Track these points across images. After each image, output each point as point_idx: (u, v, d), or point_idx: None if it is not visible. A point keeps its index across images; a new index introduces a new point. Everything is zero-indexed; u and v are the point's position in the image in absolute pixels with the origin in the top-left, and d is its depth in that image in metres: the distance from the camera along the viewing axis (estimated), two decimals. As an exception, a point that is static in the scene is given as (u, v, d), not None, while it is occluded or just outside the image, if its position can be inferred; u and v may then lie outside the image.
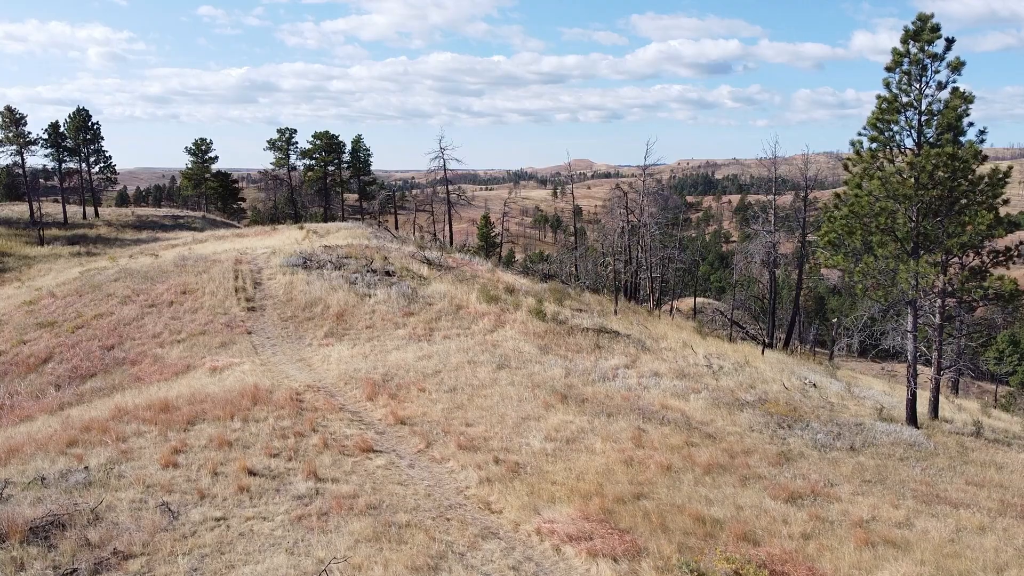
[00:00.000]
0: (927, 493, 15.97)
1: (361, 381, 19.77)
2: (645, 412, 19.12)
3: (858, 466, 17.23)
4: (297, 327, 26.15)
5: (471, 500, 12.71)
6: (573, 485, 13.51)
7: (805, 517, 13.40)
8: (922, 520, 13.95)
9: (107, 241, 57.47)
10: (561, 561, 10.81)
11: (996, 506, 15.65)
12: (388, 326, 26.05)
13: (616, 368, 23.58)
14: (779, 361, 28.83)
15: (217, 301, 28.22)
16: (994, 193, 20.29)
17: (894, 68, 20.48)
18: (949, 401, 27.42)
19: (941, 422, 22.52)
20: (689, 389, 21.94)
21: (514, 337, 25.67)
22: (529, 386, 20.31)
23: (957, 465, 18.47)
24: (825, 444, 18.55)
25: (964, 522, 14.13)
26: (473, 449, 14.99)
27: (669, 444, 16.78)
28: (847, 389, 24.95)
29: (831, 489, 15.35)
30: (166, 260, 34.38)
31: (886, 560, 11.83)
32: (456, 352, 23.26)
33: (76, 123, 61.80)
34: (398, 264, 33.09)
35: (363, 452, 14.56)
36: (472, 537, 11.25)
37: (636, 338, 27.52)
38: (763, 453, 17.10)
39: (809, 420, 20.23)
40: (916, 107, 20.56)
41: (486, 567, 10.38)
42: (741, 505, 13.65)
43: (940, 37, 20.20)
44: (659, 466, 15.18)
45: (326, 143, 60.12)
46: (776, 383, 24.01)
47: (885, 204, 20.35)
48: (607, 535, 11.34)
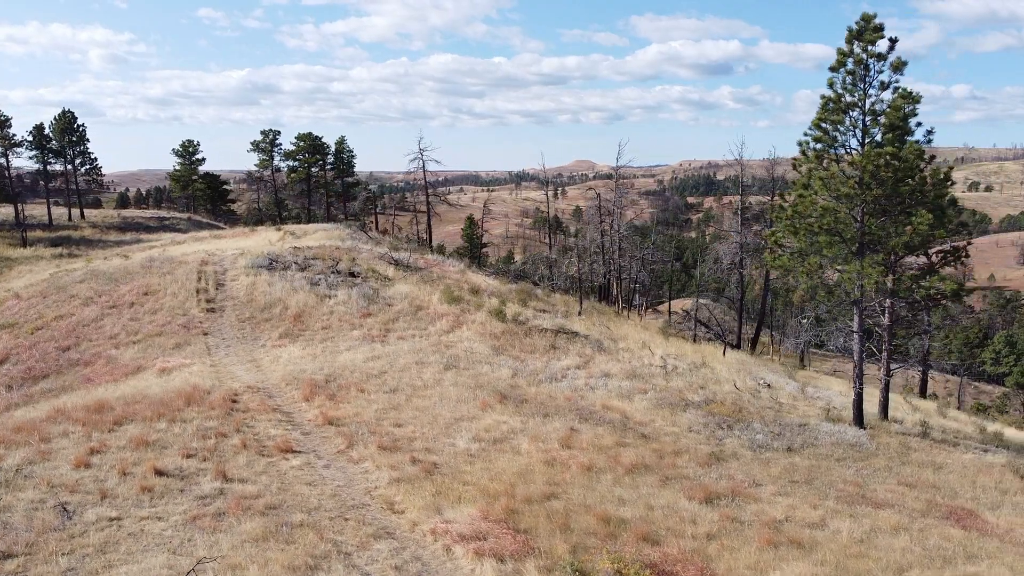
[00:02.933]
0: (854, 494, 15.93)
1: (303, 382, 19.80)
2: (584, 413, 19.12)
3: (790, 466, 17.20)
4: (254, 328, 26.21)
5: (376, 500, 12.72)
6: (485, 486, 13.51)
7: (717, 517, 13.37)
8: (838, 521, 13.91)
9: (90, 243, 57.63)
10: (449, 561, 10.82)
11: (921, 507, 15.62)
12: (344, 327, 26.10)
13: (567, 369, 23.58)
14: (740, 362, 28.78)
15: (178, 302, 28.30)
16: (938, 193, 20.26)
17: (838, 68, 20.44)
18: (906, 401, 27.35)
19: (890, 422, 22.46)
20: (636, 390, 21.93)
21: (470, 338, 25.69)
22: (472, 387, 20.33)
23: (894, 466, 18.43)
24: (762, 445, 18.53)
25: (881, 523, 14.09)
26: (394, 450, 15.00)
27: (599, 445, 16.77)
28: (801, 390, 24.91)
29: (754, 490, 15.32)
30: (134, 261, 34.50)
31: (786, 561, 11.80)
32: (407, 353, 23.29)
33: (61, 125, 62.04)
34: (365, 265, 33.13)
35: (281, 453, 14.58)
36: (365, 537, 11.26)
37: (595, 339, 27.51)
38: (694, 454, 17.08)
39: (752, 421, 20.20)
40: (860, 107, 20.52)
41: (370, 567, 10.39)
42: (654, 506, 13.63)
43: (883, 37, 20.17)
44: (581, 467, 15.18)
45: (309, 144, 60.26)
46: (728, 384, 23.97)
47: (828, 204, 20.32)
48: (502, 535, 11.34)
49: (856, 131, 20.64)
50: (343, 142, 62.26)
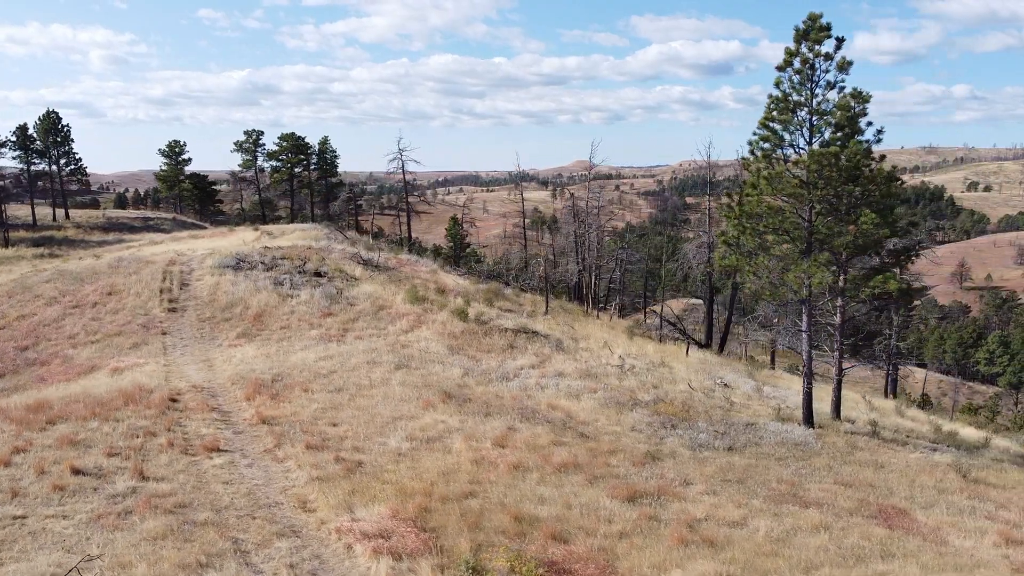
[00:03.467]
0: (785, 493, 15.94)
1: (249, 382, 19.83)
2: (527, 412, 19.13)
3: (727, 466, 17.21)
4: (213, 328, 26.24)
5: (290, 499, 12.76)
6: (404, 485, 13.54)
7: (635, 516, 13.39)
8: (759, 520, 13.91)
9: (73, 243, 57.68)
10: (348, 559, 10.84)
11: (851, 506, 15.61)
12: (303, 327, 26.13)
13: (521, 368, 23.60)
14: (702, 361, 28.78)
15: (140, 302, 28.35)
16: (884, 193, 20.26)
17: (785, 67, 20.46)
18: (865, 401, 27.34)
19: (842, 422, 22.46)
20: (587, 389, 21.94)
21: (428, 338, 25.71)
22: (419, 386, 20.36)
23: (835, 465, 18.42)
24: (703, 444, 18.53)
25: (804, 522, 14.09)
26: (321, 449, 15.03)
27: (534, 444, 16.79)
28: (757, 389, 24.91)
29: (682, 489, 15.33)
30: (103, 262, 34.56)
31: (693, 559, 11.81)
32: (361, 353, 23.32)
33: (45, 125, 62.13)
34: (333, 265, 33.17)
35: (207, 451, 14.61)
36: (268, 535, 11.29)
37: (555, 339, 27.53)
38: (630, 453, 17.10)
39: (697, 420, 20.21)
40: (808, 106, 20.54)
41: (265, 564, 10.42)
42: (573, 504, 13.64)
43: (830, 36, 20.20)
44: (509, 466, 15.19)
45: (292, 144, 60.33)
46: (683, 384, 23.98)
47: (774, 204, 20.34)
48: (406, 534, 11.36)
49: (804, 130, 20.65)
50: (326, 142, 62.36)
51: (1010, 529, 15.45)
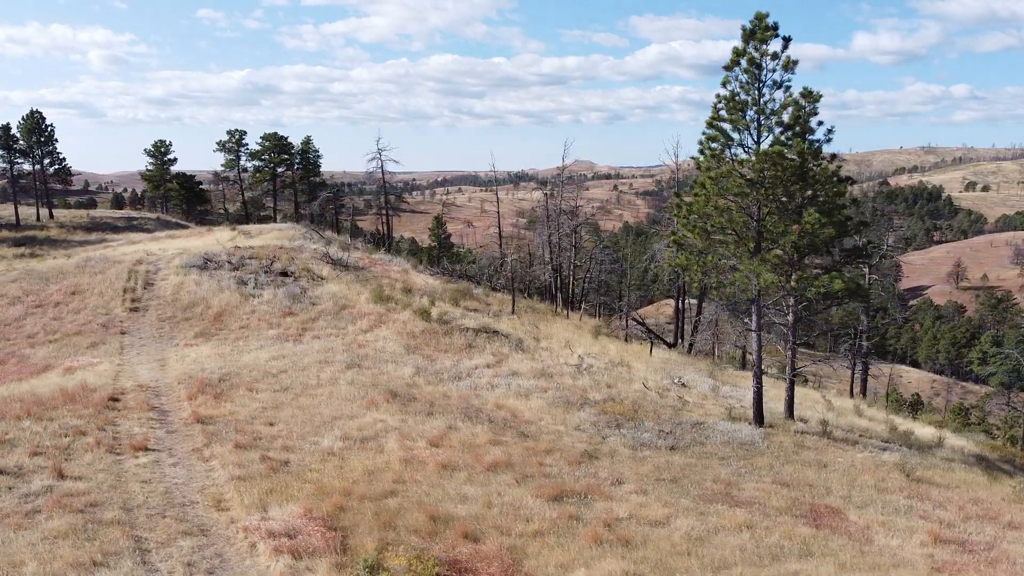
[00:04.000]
0: (718, 492, 15.94)
1: (194, 381, 19.83)
2: (471, 411, 19.13)
3: (665, 465, 17.21)
4: (173, 327, 26.25)
5: (207, 498, 12.76)
6: (325, 484, 13.54)
7: (555, 515, 13.39)
8: (682, 519, 13.91)
9: (55, 243, 57.64)
10: (249, 558, 10.85)
11: (783, 505, 15.62)
12: (263, 326, 26.13)
13: (476, 367, 23.60)
14: (665, 361, 28.80)
15: (103, 302, 28.35)
16: (831, 192, 20.25)
17: (732, 67, 20.45)
18: (825, 400, 27.32)
19: (795, 421, 22.44)
20: (538, 388, 21.94)
21: (387, 337, 25.72)
22: (367, 386, 20.36)
23: (777, 464, 18.42)
24: (645, 443, 18.53)
25: (728, 521, 14.08)
26: (250, 448, 15.03)
27: (470, 443, 16.79)
28: (714, 389, 24.90)
29: (612, 488, 15.33)
30: (71, 261, 34.57)
31: (603, 558, 11.81)
32: (316, 352, 23.32)
33: (29, 125, 62.12)
34: (301, 265, 33.17)
35: (134, 451, 14.62)
36: (174, 534, 11.30)
37: (516, 338, 27.52)
38: (567, 452, 17.10)
39: (644, 420, 20.20)
40: (756, 106, 20.53)
41: (162, 563, 10.42)
42: (494, 503, 13.64)
43: (777, 36, 20.18)
44: (438, 465, 15.19)
45: (275, 144, 60.35)
46: (639, 383, 23.98)
47: (720, 204, 20.34)
48: (313, 533, 11.36)
49: (752, 130, 20.64)
50: (309, 142, 62.31)
51: (942, 528, 15.47)
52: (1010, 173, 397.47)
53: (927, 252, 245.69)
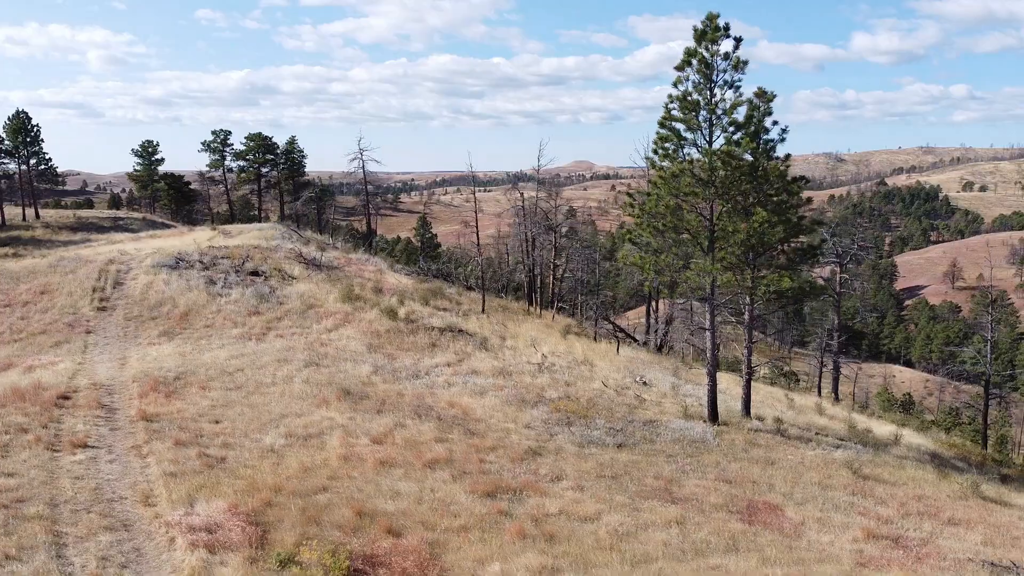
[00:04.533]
0: (657, 489, 16.08)
1: (149, 379, 19.95)
2: (422, 409, 19.26)
3: (609, 462, 17.35)
4: (139, 327, 26.37)
5: (136, 493, 12.88)
6: (258, 480, 13.67)
7: (484, 511, 13.52)
8: (613, 515, 14.04)
9: (39, 243, 57.69)
10: (166, 552, 10.98)
11: (721, 501, 15.77)
12: (227, 325, 26.26)
13: (436, 366, 23.74)
14: (631, 360, 28.94)
15: (71, 301, 28.47)
16: (780, 190, 20.39)
17: (684, 67, 20.61)
18: (787, 399, 27.47)
19: (752, 419, 22.61)
20: (494, 387, 22.07)
21: (351, 336, 25.86)
22: (321, 384, 20.48)
23: (724, 462, 18.57)
24: (594, 441, 18.67)
25: (659, 517, 14.21)
26: (189, 445, 15.15)
27: (414, 440, 16.93)
28: (675, 387, 25.03)
29: (550, 485, 15.46)
30: (45, 261, 34.70)
31: (523, 553, 11.93)
32: (276, 351, 23.45)
33: (14, 125, 62.24)
34: (273, 264, 33.31)
35: (72, 448, 14.74)
36: (96, 529, 11.42)
37: (482, 337, 27.67)
38: (512, 449, 17.23)
39: (596, 418, 20.34)
40: (708, 106, 20.68)
41: (78, 557, 10.55)
42: (425, 499, 13.78)
43: (728, 37, 20.35)
44: (377, 462, 15.33)
45: (259, 144, 60.50)
46: (598, 381, 24.13)
47: (671, 203, 20.49)
48: (233, 528, 11.48)
49: (704, 130, 20.79)
50: (293, 142, 62.49)
51: (879, 525, 15.63)
52: (1008, 173, 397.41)
53: (924, 252, 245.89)
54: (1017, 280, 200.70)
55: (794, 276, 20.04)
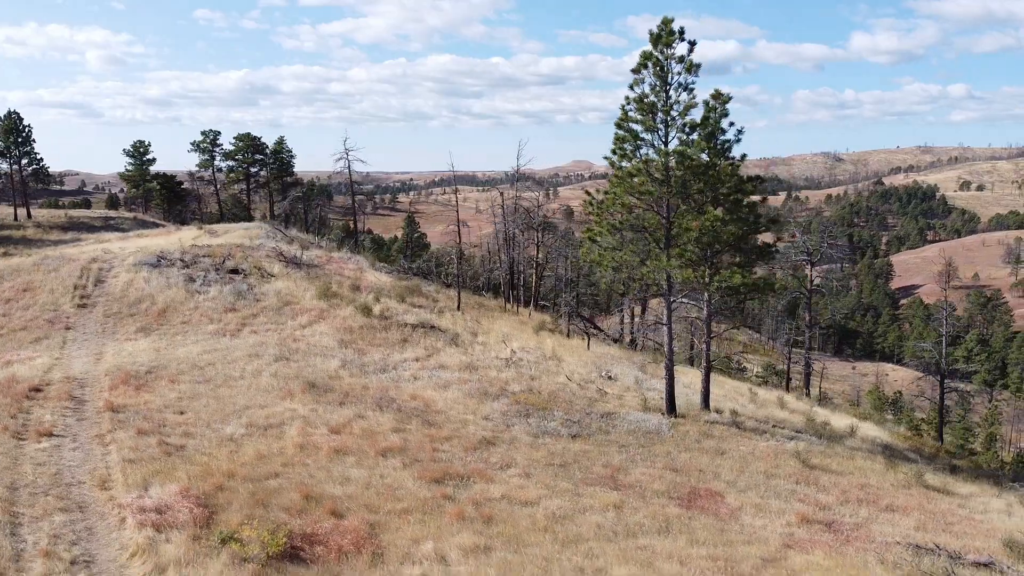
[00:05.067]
0: (603, 476, 16.73)
1: (122, 373, 20.58)
2: (384, 402, 19.90)
3: (561, 451, 17.99)
4: (117, 323, 26.99)
5: (94, 478, 13.51)
6: (212, 466, 14.29)
7: (429, 495, 14.15)
8: (554, 500, 14.68)
9: (30, 242, 58.26)
10: (116, 531, 11.61)
11: (664, 488, 16.42)
12: (204, 321, 26.89)
13: (404, 360, 24.37)
14: (600, 356, 29.58)
15: (53, 298, 29.10)
16: (732, 189, 21.02)
17: (640, 70, 21.23)
18: (751, 392, 28.11)
19: (711, 412, 23.26)
20: (459, 380, 22.72)
21: (324, 332, 26.49)
22: (288, 378, 21.11)
23: (674, 451, 19.21)
24: (549, 432, 19.31)
25: (599, 503, 14.86)
26: (151, 434, 15.78)
27: (371, 431, 17.57)
28: (638, 382, 25.68)
29: (498, 472, 16.11)
30: (30, 259, 35.31)
31: (459, 533, 12.53)
32: (248, 347, 24.07)
33: (6, 126, 62.79)
34: (253, 263, 33.93)
35: (38, 436, 15.37)
36: (51, 510, 12.06)
37: (453, 333, 28.31)
38: (466, 439, 17.87)
39: (554, 410, 20.98)
40: (664, 108, 21.31)
41: (31, 535, 11.18)
42: (373, 484, 14.42)
43: (683, 40, 20.97)
44: (332, 450, 15.96)
45: (248, 144, 61.14)
46: (563, 376, 24.77)
47: (627, 202, 21.12)
48: (182, 510, 12.11)
49: (660, 131, 21.42)
50: (282, 143, 63.14)
51: (815, 511, 16.29)
52: (1005, 172, 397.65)
53: (920, 251, 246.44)
54: (1012, 279, 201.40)
55: (746, 273, 20.68)
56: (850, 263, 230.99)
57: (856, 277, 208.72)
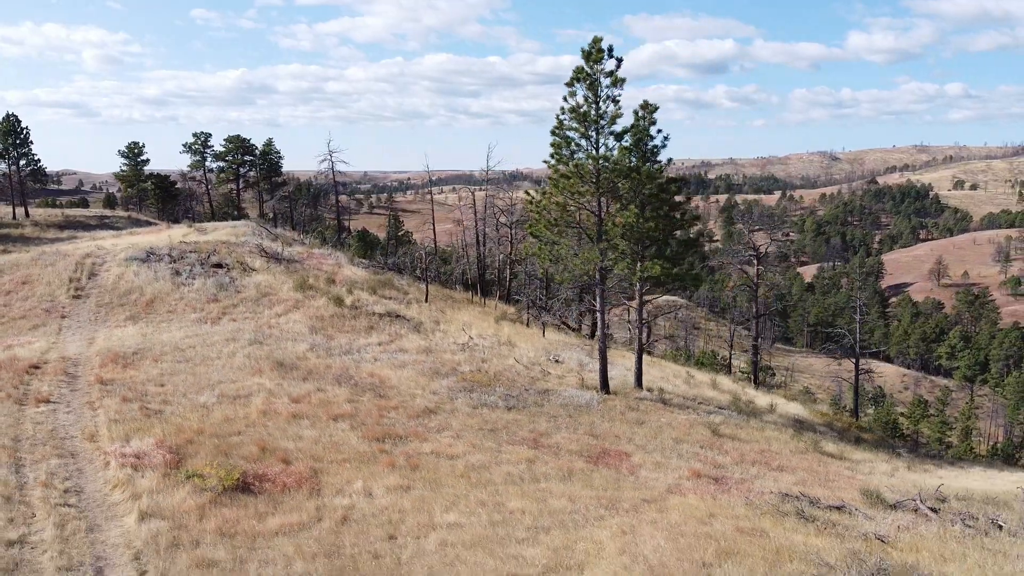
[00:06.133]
0: (526, 439, 19.30)
1: (110, 354, 23.14)
2: (343, 378, 22.48)
3: (495, 419, 20.57)
4: (108, 312, 29.54)
5: (84, 434, 16.08)
6: (184, 425, 16.86)
7: (368, 450, 16.74)
8: (476, 455, 17.26)
9: (27, 240, 60.70)
10: (101, 471, 14.18)
11: (578, 449, 18.99)
12: (188, 311, 29.44)
13: (368, 345, 26.95)
14: (553, 343, 32.15)
15: (50, 290, 31.63)
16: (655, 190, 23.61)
17: (573, 83, 23.78)
18: (688, 375, 30.70)
19: (643, 390, 25.83)
20: (415, 362, 25.30)
21: (298, 320, 29.06)
22: (260, 359, 23.67)
23: (598, 421, 21.80)
24: (487, 404, 21.89)
25: (515, 457, 17.43)
26: (134, 401, 18.36)
27: (328, 401, 20.15)
28: (582, 364, 28.27)
29: (434, 435, 18.68)
30: (29, 255, 37.82)
31: (386, 476, 15.12)
32: (227, 332, 26.64)
33: (4, 128, 65.30)
34: (236, 258, 36.47)
35: (37, 402, 17.94)
36: (48, 455, 14.63)
37: (417, 321, 30.90)
38: (411, 408, 20.45)
39: (497, 386, 23.57)
40: (594, 117, 23.87)
41: (31, 472, 13.74)
42: (321, 441, 16.99)
43: (612, 57, 23.52)
44: (290, 415, 18.54)
45: (238, 146, 63.71)
46: (512, 359, 27.35)
47: (560, 200, 23.71)
48: (156, 456, 14.68)
49: (591, 138, 23.99)
50: (270, 144, 65.77)
51: (709, 468, 18.88)
52: (999, 172, 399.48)
53: (911, 250, 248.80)
54: (1001, 277, 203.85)
55: (665, 264, 23.25)
56: (842, 261, 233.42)
57: (847, 275, 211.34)
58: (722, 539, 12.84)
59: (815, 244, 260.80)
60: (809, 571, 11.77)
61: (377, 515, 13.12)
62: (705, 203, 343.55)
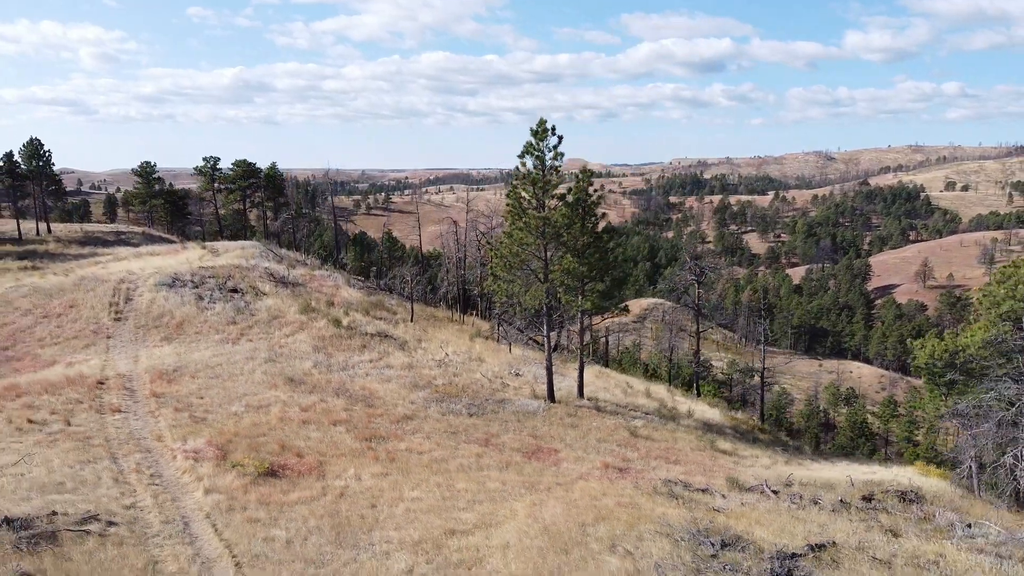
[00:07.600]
0: (480, 439, 25.36)
1: (156, 371, 29.20)
2: (340, 391, 28.55)
3: (458, 424, 26.63)
4: (146, 333, 35.58)
5: (152, 435, 22.13)
6: (224, 429, 22.91)
7: (358, 447, 22.80)
8: (439, 451, 23.33)
9: (53, 256, 66.74)
10: (172, 462, 20.22)
11: (519, 446, 25.05)
12: (212, 332, 35.49)
13: (361, 362, 33.02)
14: (517, 358, 38.22)
15: (94, 313, 37.65)
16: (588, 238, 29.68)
17: (523, 155, 29.85)
18: (628, 385, 36.80)
19: (584, 399, 31.92)
20: (399, 376, 31.37)
21: (303, 340, 35.11)
22: (275, 375, 29.74)
23: (540, 425, 27.86)
24: (454, 411, 27.97)
25: (469, 452, 23.49)
26: (183, 411, 24.40)
27: (328, 410, 26.21)
28: (535, 378, 34.34)
29: (409, 436, 24.74)
30: (69, 279, 43.80)
31: (371, 465, 21.17)
32: (246, 352, 32.69)
33: (29, 151, 71.31)
34: (249, 283, 42.51)
35: (112, 412, 23.97)
36: (132, 450, 20.67)
37: (403, 340, 36.97)
38: (393, 415, 26.53)
39: (462, 397, 29.66)
40: (540, 182, 29.93)
41: (124, 462, 19.78)
42: (324, 440, 23.05)
43: (554, 135, 29.57)
44: (300, 421, 24.61)
45: (244, 170, 69.79)
46: (478, 373, 33.43)
47: (513, 248, 29.78)
48: (208, 451, 20.72)
49: (539, 198, 30.05)
50: (274, 168, 71.90)
51: (618, 461, 24.91)
52: (992, 172, 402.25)
53: (899, 252, 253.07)
54: (985, 279, 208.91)
55: (596, 298, 29.32)
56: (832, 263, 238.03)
57: (835, 277, 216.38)
58: (603, 510, 18.78)
59: (806, 245, 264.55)
60: (655, 529, 17.78)
61: (364, 492, 19.15)
62: (699, 204, 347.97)
